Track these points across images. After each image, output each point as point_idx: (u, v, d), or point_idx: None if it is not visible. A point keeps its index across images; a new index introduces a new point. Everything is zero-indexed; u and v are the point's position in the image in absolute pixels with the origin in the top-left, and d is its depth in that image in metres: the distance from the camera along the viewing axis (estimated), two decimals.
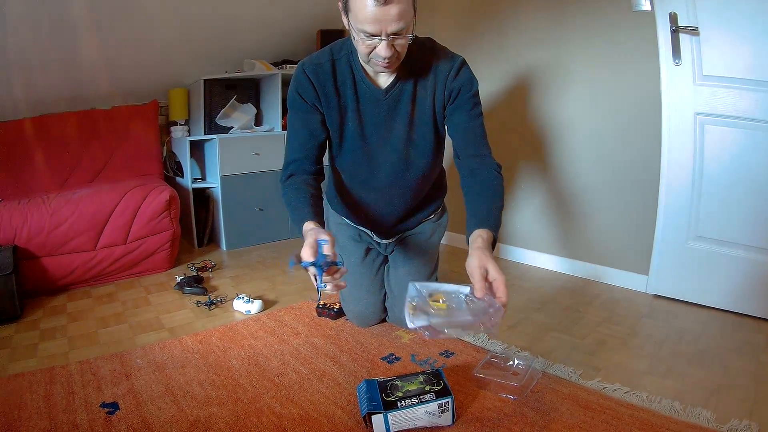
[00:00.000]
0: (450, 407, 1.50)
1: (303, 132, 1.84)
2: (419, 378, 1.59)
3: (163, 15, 3.32)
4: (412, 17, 1.56)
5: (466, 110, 1.80)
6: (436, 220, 2.23)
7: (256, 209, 3.66)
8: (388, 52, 1.55)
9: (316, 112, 1.82)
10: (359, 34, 1.55)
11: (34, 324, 2.36)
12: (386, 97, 1.79)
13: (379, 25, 1.49)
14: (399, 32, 1.52)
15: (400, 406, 1.47)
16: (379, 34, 1.51)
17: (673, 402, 1.62)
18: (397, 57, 1.62)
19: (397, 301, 2.17)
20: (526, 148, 3.10)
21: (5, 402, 1.67)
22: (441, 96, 1.80)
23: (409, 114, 1.83)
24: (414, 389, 1.53)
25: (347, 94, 1.81)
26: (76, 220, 2.71)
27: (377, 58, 1.59)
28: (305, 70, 1.78)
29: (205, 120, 3.65)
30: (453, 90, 1.78)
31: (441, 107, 1.83)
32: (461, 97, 1.79)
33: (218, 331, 2.20)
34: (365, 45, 1.57)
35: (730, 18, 2.20)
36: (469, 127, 1.81)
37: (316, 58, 1.80)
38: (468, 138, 1.82)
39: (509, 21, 3.08)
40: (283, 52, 4.21)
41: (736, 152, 2.30)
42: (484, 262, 1.43)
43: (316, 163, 1.88)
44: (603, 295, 2.63)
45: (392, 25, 1.49)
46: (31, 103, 3.40)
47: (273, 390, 1.73)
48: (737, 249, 2.35)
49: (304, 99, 1.80)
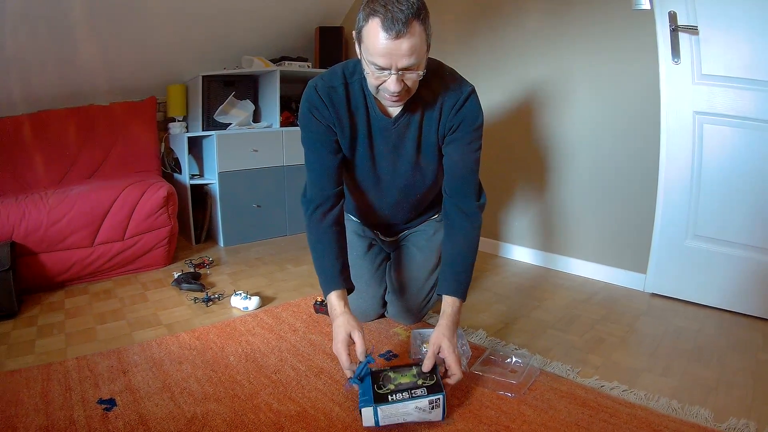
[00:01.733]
0: (441, 404, 1.48)
1: (323, 152, 1.79)
2: (413, 371, 1.59)
3: (162, 11, 3.32)
4: (425, 53, 1.54)
5: (462, 144, 1.77)
6: (440, 219, 2.23)
7: (254, 206, 3.66)
8: (397, 87, 1.52)
9: (332, 132, 1.78)
10: (369, 66, 1.52)
11: (31, 320, 2.35)
12: (395, 126, 1.77)
13: (390, 59, 1.47)
14: (410, 68, 1.50)
15: (391, 400, 1.46)
16: (390, 68, 1.49)
17: (671, 400, 1.63)
18: (406, 92, 1.59)
19: (398, 296, 2.18)
20: (524, 146, 3.09)
21: (2, 398, 1.67)
22: (444, 126, 1.77)
23: (415, 141, 1.80)
24: (406, 382, 1.53)
25: (359, 119, 1.78)
26: (73, 217, 2.70)
27: (386, 92, 1.57)
28: (318, 91, 1.74)
29: (203, 116, 3.64)
30: (456, 122, 1.75)
31: (443, 136, 1.80)
32: (461, 130, 1.75)
33: (216, 327, 2.20)
34: (375, 77, 1.54)
35: (730, 17, 2.20)
36: (460, 161, 1.79)
37: (329, 80, 1.76)
38: (457, 173, 1.80)
39: (507, 18, 3.08)
40: (281, 49, 4.20)
41: (734, 151, 2.30)
42: (440, 340, 1.63)
43: (337, 185, 1.83)
44: (601, 293, 2.63)
45: (403, 60, 1.47)
46: (29, 100, 3.38)
47: (270, 387, 1.72)
48: (735, 248, 2.35)
49: (318, 120, 1.75)
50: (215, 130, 3.53)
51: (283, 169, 3.73)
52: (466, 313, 2.36)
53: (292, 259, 3.25)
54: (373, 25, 1.44)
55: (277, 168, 3.72)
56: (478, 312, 2.39)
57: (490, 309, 2.42)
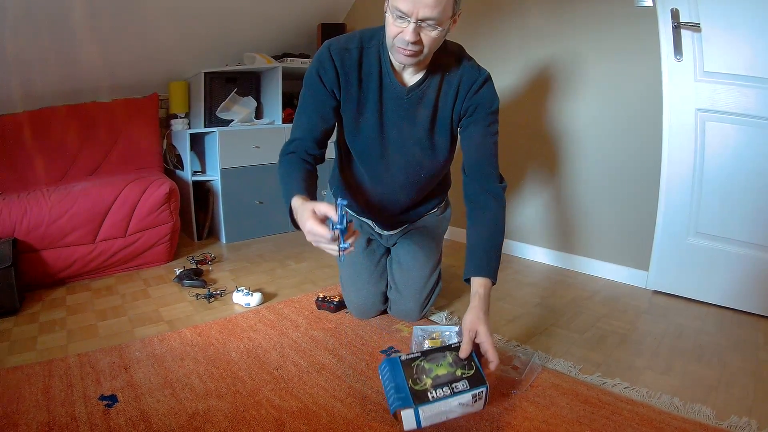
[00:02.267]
0: (484, 396, 1.39)
1: (314, 115, 1.80)
2: (447, 358, 1.45)
3: (163, 7, 3.31)
4: (449, 17, 1.55)
5: (482, 126, 1.78)
6: (440, 213, 2.23)
7: (256, 202, 3.66)
8: (413, 37, 1.52)
9: (332, 99, 1.79)
10: (393, 12, 1.52)
11: (33, 317, 2.35)
12: (408, 97, 1.77)
13: (414, 5, 1.47)
14: (429, 19, 1.50)
15: (431, 398, 1.33)
16: (411, 15, 1.48)
17: (672, 398, 1.62)
18: (420, 50, 1.58)
19: (400, 294, 2.17)
20: (528, 144, 3.09)
21: (4, 395, 1.67)
22: (460, 107, 1.78)
23: (430, 115, 1.80)
24: (444, 374, 1.40)
25: (371, 86, 1.77)
26: (75, 213, 2.70)
27: (401, 42, 1.55)
28: (331, 52, 1.74)
29: (205, 113, 3.64)
30: (472, 104, 1.76)
31: (458, 118, 1.81)
32: (479, 112, 1.77)
33: (217, 323, 2.20)
34: (394, 25, 1.55)
35: (732, 14, 2.19)
36: (481, 144, 1.79)
37: (345, 42, 1.76)
38: (478, 155, 1.80)
39: (510, 17, 3.08)
40: (283, 46, 4.20)
41: (736, 149, 2.30)
42: (476, 325, 1.53)
43: (320, 147, 1.84)
44: (603, 290, 2.63)
45: (425, 10, 1.47)
46: (31, 97, 3.38)
47: (272, 383, 1.73)
48: (737, 246, 2.35)
49: (323, 82, 1.76)
50: (217, 127, 3.53)
51: None
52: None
53: (293, 255, 3.25)
54: None
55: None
56: None
57: (493, 306, 2.38)
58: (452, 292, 2.56)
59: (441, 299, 2.39)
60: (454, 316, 2.27)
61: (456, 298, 2.50)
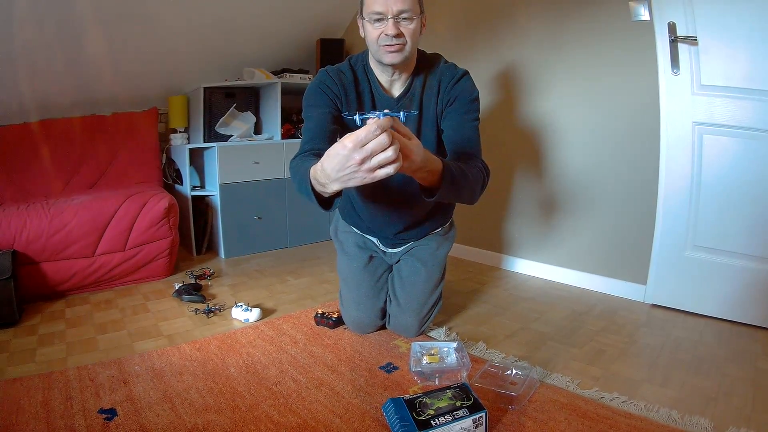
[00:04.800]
0: (484, 421, 1.48)
1: (321, 119, 1.84)
2: (447, 394, 1.56)
3: (164, 22, 3.35)
4: (418, 7, 1.78)
5: (460, 113, 1.88)
6: (444, 233, 2.25)
7: (255, 218, 3.67)
8: (394, 29, 1.72)
9: (334, 108, 1.87)
10: (370, 18, 1.76)
11: (32, 329, 2.36)
12: (398, 105, 1.90)
13: (386, 5, 1.71)
14: (404, 12, 1.72)
15: (435, 424, 1.42)
16: (386, 13, 1.72)
17: (670, 411, 1.63)
18: (404, 43, 1.77)
19: (400, 309, 2.18)
20: (525, 158, 3.11)
21: (3, 406, 1.67)
22: (442, 102, 1.91)
23: (415, 118, 1.92)
24: (445, 406, 1.49)
25: (365, 99, 1.92)
26: (75, 226, 2.71)
27: (385, 40, 1.75)
28: (329, 72, 1.91)
29: (204, 128, 3.66)
30: (452, 96, 1.89)
31: (441, 112, 1.92)
32: (458, 101, 1.88)
33: (216, 339, 2.20)
34: (374, 29, 1.77)
35: (729, 26, 2.22)
36: (460, 127, 1.88)
37: (338, 67, 1.95)
38: (459, 138, 1.87)
39: (509, 30, 3.11)
40: (282, 61, 4.24)
41: (734, 161, 2.32)
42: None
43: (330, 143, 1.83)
44: (601, 304, 2.64)
45: (398, 5, 1.71)
46: (31, 108, 3.41)
47: (271, 398, 1.73)
48: (735, 258, 2.36)
49: (326, 94, 1.87)
50: (216, 142, 3.55)
51: (284, 181, 3.74)
52: (467, 325, 2.37)
53: (292, 271, 3.26)
54: None
55: (278, 180, 3.73)
56: (478, 324, 2.39)
57: (491, 321, 2.43)
58: (451, 308, 2.56)
59: (439, 315, 2.39)
60: (452, 332, 2.27)
61: (455, 314, 2.50)
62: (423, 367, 1.83)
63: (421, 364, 1.85)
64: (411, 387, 1.78)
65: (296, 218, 3.84)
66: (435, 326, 2.32)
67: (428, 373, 1.81)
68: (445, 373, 1.81)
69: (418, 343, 1.96)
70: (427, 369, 1.82)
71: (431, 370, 1.81)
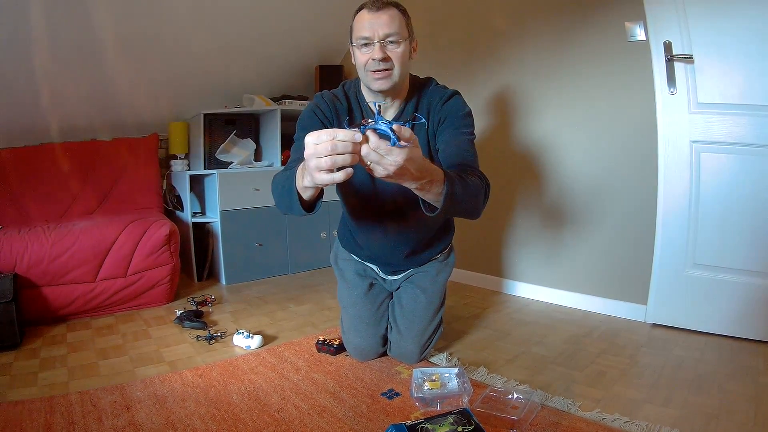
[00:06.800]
0: None
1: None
2: (449, 419, 1.57)
3: (164, 49, 3.40)
4: (406, 34, 1.80)
5: (453, 128, 1.88)
6: (444, 259, 2.26)
7: (256, 244, 3.68)
8: (381, 53, 1.75)
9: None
10: (358, 43, 1.80)
11: (33, 352, 2.36)
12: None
13: (372, 29, 1.75)
14: (390, 36, 1.76)
15: None
16: (373, 37, 1.75)
17: (672, 430, 1.62)
18: (392, 66, 1.79)
19: (401, 336, 2.18)
20: (523, 181, 3.14)
21: (5, 429, 1.67)
22: (434, 124, 1.91)
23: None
24: (447, 431, 1.51)
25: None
26: (76, 251, 2.73)
27: (372, 65, 1.78)
28: (324, 97, 1.96)
29: (204, 154, 3.70)
30: (443, 115, 1.90)
31: (434, 132, 1.92)
32: (450, 118, 1.89)
33: (218, 365, 2.20)
34: (362, 54, 1.80)
35: (724, 43, 2.27)
36: (454, 140, 1.85)
37: (333, 93, 1.99)
38: (454, 151, 1.83)
39: (506, 50, 3.16)
40: (282, 88, 4.28)
41: (731, 178, 2.35)
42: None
43: None
44: (602, 326, 2.64)
45: (384, 29, 1.75)
46: (32, 132, 3.45)
47: (273, 425, 1.72)
48: (735, 274, 2.38)
49: (319, 118, 1.90)
50: (217, 169, 3.58)
51: None
52: (468, 351, 2.37)
53: (293, 298, 3.26)
54: (359, 13, 1.80)
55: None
56: (479, 349, 2.39)
57: (492, 346, 2.43)
58: (452, 334, 2.56)
59: (440, 341, 2.39)
60: (453, 357, 2.27)
61: (456, 340, 2.50)
62: (424, 393, 1.83)
63: (422, 390, 1.85)
64: (413, 413, 1.78)
65: (297, 245, 3.86)
66: (436, 352, 2.32)
67: (430, 399, 1.81)
68: (446, 398, 1.81)
69: (420, 369, 1.96)
70: (428, 395, 1.82)
71: (433, 396, 1.81)
